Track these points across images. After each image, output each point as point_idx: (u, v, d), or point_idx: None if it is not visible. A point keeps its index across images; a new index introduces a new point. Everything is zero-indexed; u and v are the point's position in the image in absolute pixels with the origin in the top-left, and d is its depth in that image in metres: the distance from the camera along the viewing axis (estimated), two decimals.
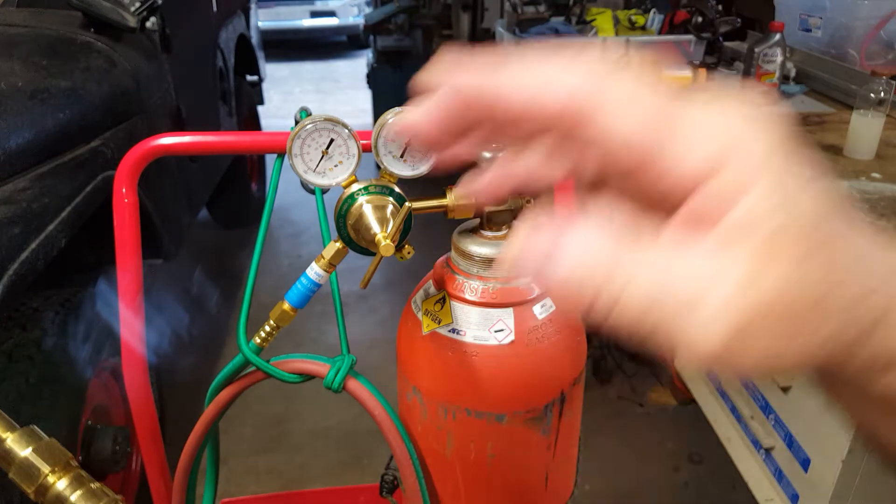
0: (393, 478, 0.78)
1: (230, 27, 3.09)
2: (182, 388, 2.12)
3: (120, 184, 0.79)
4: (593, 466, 2.05)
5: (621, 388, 2.37)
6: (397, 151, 0.64)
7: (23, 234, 1.16)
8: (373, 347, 2.63)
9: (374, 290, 3.07)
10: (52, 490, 0.43)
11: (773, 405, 1.65)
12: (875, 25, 1.99)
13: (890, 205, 1.37)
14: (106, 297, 1.43)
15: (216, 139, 0.81)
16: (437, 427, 0.70)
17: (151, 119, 1.83)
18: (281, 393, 2.33)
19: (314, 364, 0.71)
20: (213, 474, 0.84)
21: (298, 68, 7.53)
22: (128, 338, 0.82)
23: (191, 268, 3.18)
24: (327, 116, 0.62)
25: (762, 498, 1.68)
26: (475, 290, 0.66)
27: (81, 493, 0.44)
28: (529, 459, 0.72)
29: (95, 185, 1.43)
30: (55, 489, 0.43)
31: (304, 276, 0.65)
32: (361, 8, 7.88)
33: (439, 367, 0.67)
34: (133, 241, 0.80)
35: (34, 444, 0.44)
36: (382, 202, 0.63)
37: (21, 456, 0.43)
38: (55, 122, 1.38)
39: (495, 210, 0.68)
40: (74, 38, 1.67)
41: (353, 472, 2.06)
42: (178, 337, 1.57)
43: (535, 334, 0.66)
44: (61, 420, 1.30)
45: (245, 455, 2.12)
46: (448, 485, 0.73)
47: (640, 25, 2.53)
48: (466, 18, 3.91)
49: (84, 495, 0.44)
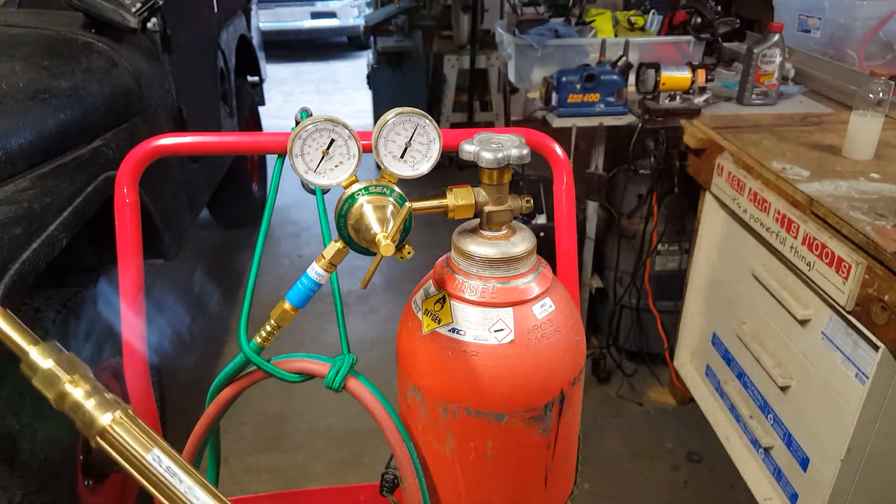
0: (393, 477, 0.78)
1: (231, 28, 3.10)
2: (183, 388, 2.12)
3: (121, 184, 0.79)
4: (593, 466, 2.05)
5: (620, 388, 2.37)
6: (398, 152, 0.64)
7: (24, 234, 1.17)
8: (373, 347, 2.64)
9: (374, 290, 3.07)
10: (69, 397, 0.48)
11: (772, 405, 1.65)
12: (874, 26, 1.99)
13: (889, 205, 1.38)
14: (107, 297, 1.43)
15: (217, 140, 0.82)
16: (437, 426, 0.70)
17: (152, 119, 1.83)
18: (282, 392, 2.33)
19: (315, 363, 0.71)
20: (213, 473, 0.85)
21: (299, 69, 7.53)
22: (129, 337, 0.82)
23: (191, 268, 3.19)
24: (328, 117, 0.62)
25: (761, 497, 1.68)
26: (475, 289, 0.67)
27: (96, 400, 0.48)
28: (529, 459, 0.72)
29: (96, 186, 1.43)
30: (73, 396, 0.48)
31: (304, 275, 0.66)
32: (362, 9, 7.88)
33: (439, 367, 0.67)
34: (134, 241, 0.80)
35: (55, 356, 0.49)
36: (382, 202, 0.64)
37: (44, 367, 0.49)
38: (56, 123, 1.39)
39: (495, 210, 0.68)
40: (75, 38, 1.68)
41: (353, 471, 2.06)
42: (178, 336, 1.58)
43: (534, 334, 0.66)
44: (62, 419, 1.30)
45: (246, 454, 2.13)
46: (448, 484, 0.74)
47: (639, 26, 2.54)
48: (466, 19, 3.91)
49: (99, 403, 0.48)
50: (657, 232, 2.14)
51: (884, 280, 1.20)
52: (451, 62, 4.04)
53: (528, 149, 0.66)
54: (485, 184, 0.67)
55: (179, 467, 0.48)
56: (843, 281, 1.29)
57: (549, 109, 2.07)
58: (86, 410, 0.48)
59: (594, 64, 2.12)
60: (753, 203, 1.62)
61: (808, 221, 1.42)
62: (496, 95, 4.15)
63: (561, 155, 0.88)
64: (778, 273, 1.60)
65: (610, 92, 1.99)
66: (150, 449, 0.48)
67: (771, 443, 1.65)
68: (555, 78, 2.01)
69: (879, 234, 1.25)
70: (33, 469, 1.19)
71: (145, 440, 0.48)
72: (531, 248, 0.68)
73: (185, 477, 0.48)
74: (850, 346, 1.33)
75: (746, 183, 1.64)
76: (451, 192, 0.67)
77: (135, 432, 0.48)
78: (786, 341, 1.57)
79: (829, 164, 1.59)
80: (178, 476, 0.48)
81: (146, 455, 0.48)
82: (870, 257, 1.24)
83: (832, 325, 1.39)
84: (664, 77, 1.92)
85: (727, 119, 1.95)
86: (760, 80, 2.02)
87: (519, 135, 0.68)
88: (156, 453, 0.48)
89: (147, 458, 0.48)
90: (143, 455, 0.48)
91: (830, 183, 1.48)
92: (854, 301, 1.27)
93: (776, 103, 2.05)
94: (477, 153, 0.65)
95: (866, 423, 1.32)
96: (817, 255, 1.37)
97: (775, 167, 1.57)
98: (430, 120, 0.64)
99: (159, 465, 0.48)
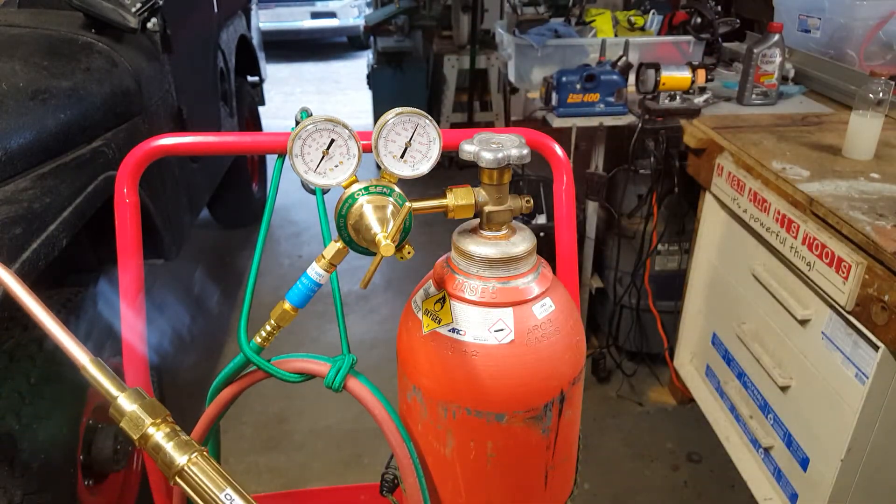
0: (393, 476, 0.78)
1: (231, 28, 3.10)
2: (183, 388, 2.12)
3: (121, 184, 0.79)
4: (593, 466, 2.05)
5: (620, 388, 2.37)
6: (398, 152, 0.64)
7: (24, 234, 1.17)
8: (373, 347, 2.64)
9: (374, 290, 3.07)
10: (152, 439, 0.55)
11: (772, 405, 1.65)
12: (874, 26, 1.99)
13: (889, 205, 1.38)
14: (107, 297, 1.43)
15: (217, 140, 0.82)
16: (437, 426, 0.70)
17: (152, 119, 1.83)
18: (282, 392, 2.33)
19: (315, 363, 0.71)
20: None
21: (299, 69, 7.53)
22: (129, 337, 0.82)
23: (191, 268, 3.19)
24: (328, 117, 0.62)
25: (761, 497, 1.68)
26: (475, 289, 0.67)
27: (175, 443, 0.55)
28: (529, 459, 0.72)
29: (97, 186, 1.43)
30: (154, 439, 0.55)
31: (304, 275, 0.66)
32: (362, 9, 7.89)
33: (439, 367, 0.67)
34: (134, 241, 0.80)
35: (140, 401, 0.56)
36: (383, 202, 0.64)
37: (129, 410, 0.55)
38: (56, 123, 1.39)
39: (495, 210, 0.68)
40: (76, 38, 1.68)
41: (353, 470, 2.07)
42: (178, 336, 1.58)
43: (534, 334, 0.66)
44: (63, 419, 1.30)
45: (246, 454, 2.13)
46: (448, 484, 0.74)
47: (639, 26, 2.54)
48: (466, 19, 3.91)
49: (177, 445, 0.55)
50: (657, 232, 2.14)
51: (884, 280, 1.20)
52: (451, 62, 4.05)
53: (528, 149, 0.66)
54: (485, 184, 0.67)
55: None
56: (843, 281, 1.29)
57: (549, 109, 2.07)
58: (166, 451, 0.54)
59: (594, 64, 2.13)
60: (753, 203, 1.62)
61: (808, 221, 1.42)
62: (496, 95, 4.15)
63: (561, 155, 0.88)
64: (778, 273, 1.60)
65: (610, 92, 1.99)
66: (224, 489, 0.54)
67: (771, 443, 1.65)
68: (555, 78, 2.01)
69: (879, 234, 1.25)
70: (33, 469, 1.19)
71: (219, 480, 0.54)
72: (531, 248, 0.68)
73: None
74: (850, 346, 1.33)
75: (746, 183, 1.64)
76: (451, 192, 0.67)
77: (209, 472, 0.54)
78: (786, 341, 1.57)
79: (829, 164, 1.59)
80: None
81: (220, 494, 0.53)
82: (870, 257, 1.24)
83: (832, 325, 1.39)
84: (664, 77, 1.92)
85: (727, 119, 1.95)
86: (760, 80, 2.02)
87: (519, 135, 0.68)
88: (228, 493, 0.54)
89: (220, 497, 0.53)
90: (217, 494, 0.53)
91: (830, 183, 1.48)
92: (854, 301, 1.27)
93: (776, 103, 2.05)
94: (477, 153, 0.65)
95: (866, 423, 1.32)
96: (817, 255, 1.37)
97: (775, 167, 1.57)
98: (430, 120, 0.64)
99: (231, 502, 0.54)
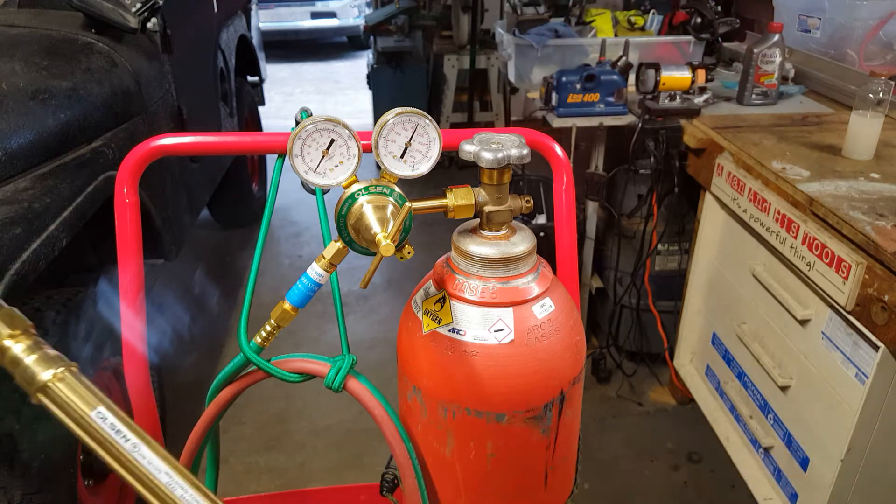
0: (393, 476, 0.78)
1: (231, 28, 3.10)
2: (183, 388, 2.12)
3: (121, 184, 0.79)
4: (593, 466, 2.05)
5: (620, 388, 2.37)
6: (398, 152, 0.64)
7: (24, 234, 1.17)
8: (373, 347, 2.64)
9: (374, 290, 3.07)
10: (9, 352, 0.46)
11: (772, 405, 1.65)
12: (874, 26, 1.99)
13: (889, 205, 1.38)
14: (107, 297, 1.43)
15: (217, 140, 0.82)
16: (437, 426, 0.70)
17: (152, 119, 1.83)
18: (281, 392, 2.33)
19: (315, 363, 0.71)
20: (213, 473, 0.85)
21: (299, 69, 7.53)
22: (129, 337, 0.82)
23: (191, 268, 3.19)
24: (328, 117, 0.62)
25: (761, 497, 1.68)
26: (475, 289, 0.67)
27: (38, 356, 0.46)
28: (529, 459, 0.72)
29: (97, 186, 1.43)
30: (13, 351, 0.46)
31: (304, 275, 0.66)
32: (362, 9, 7.89)
33: (439, 367, 0.67)
34: (134, 241, 0.80)
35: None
36: (383, 202, 0.64)
37: None
38: (56, 123, 1.39)
39: (495, 210, 0.68)
40: (76, 38, 1.68)
41: (353, 470, 2.06)
42: (178, 336, 1.58)
43: (534, 334, 0.66)
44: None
45: (245, 454, 2.13)
46: (448, 484, 0.74)
47: (639, 26, 2.54)
48: (466, 19, 3.91)
49: (41, 359, 0.46)
50: (657, 232, 2.14)
51: (884, 280, 1.20)
52: (451, 62, 4.05)
53: (528, 149, 0.66)
54: (485, 184, 0.67)
55: (125, 425, 0.47)
56: (843, 281, 1.29)
57: (549, 109, 2.07)
58: (26, 366, 0.46)
59: (594, 64, 2.12)
60: (753, 203, 1.62)
61: (808, 221, 1.42)
62: (496, 95, 4.15)
63: (561, 155, 0.88)
64: (778, 273, 1.60)
65: (610, 92, 1.99)
66: (95, 406, 0.46)
67: (771, 443, 1.65)
68: (555, 78, 2.01)
69: (879, 234, 1.25)
70: (33, 469, 1.19)
71: (90, 397, 0.46)
72: (531, 248, 0.68)
73: (130, 435, 0.47)
74: (850, 346, 1.33)
75: (746, 183, 1.64)
76: (451, 192, 0.67)
77: (79, 389, 0.46)
78: (786, 341, 1.57)
79: (829, 164, 1.59)
80: (123, 434, 0.47)
81: (90, 412, 0.46)
82: (870, 257, 1.24)
83: (832, 325, 1.39)
84: (664, 77, 1.92)
85: (727, 119, 1.95)
86: (760, 80, 2.02)
87: (519, 135, 0.68)
88: (100, 410, 0.46)
89: (91, 416, 0.46)
90: (87, 412, 0.46)
91: (830, 183, 1.48)
92: (854, 301, 1.27)
93: (776, 103, 2.05)
94: (477, 153, 0.65)
95: (866, 423, 1.32)
96: (817, 255, 1.37)
97: (775, 167, 1.57)
98: (430, 120, 0.64)
99: (104, 422, 0.46)
